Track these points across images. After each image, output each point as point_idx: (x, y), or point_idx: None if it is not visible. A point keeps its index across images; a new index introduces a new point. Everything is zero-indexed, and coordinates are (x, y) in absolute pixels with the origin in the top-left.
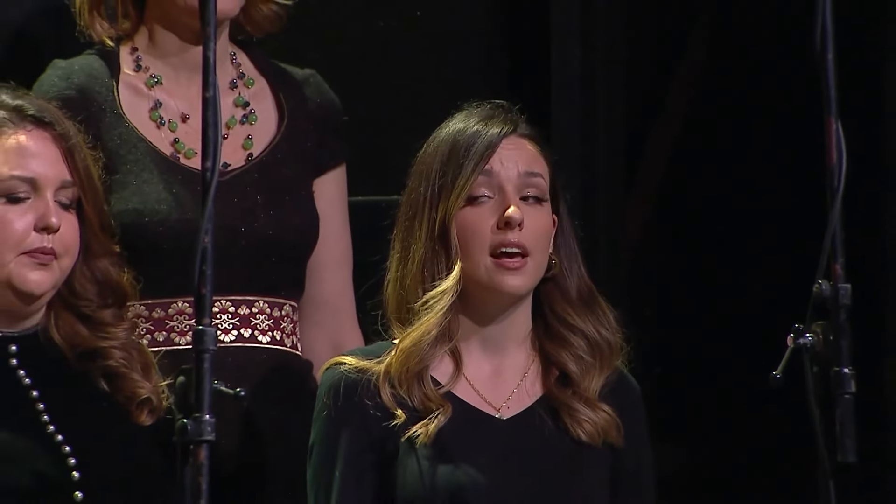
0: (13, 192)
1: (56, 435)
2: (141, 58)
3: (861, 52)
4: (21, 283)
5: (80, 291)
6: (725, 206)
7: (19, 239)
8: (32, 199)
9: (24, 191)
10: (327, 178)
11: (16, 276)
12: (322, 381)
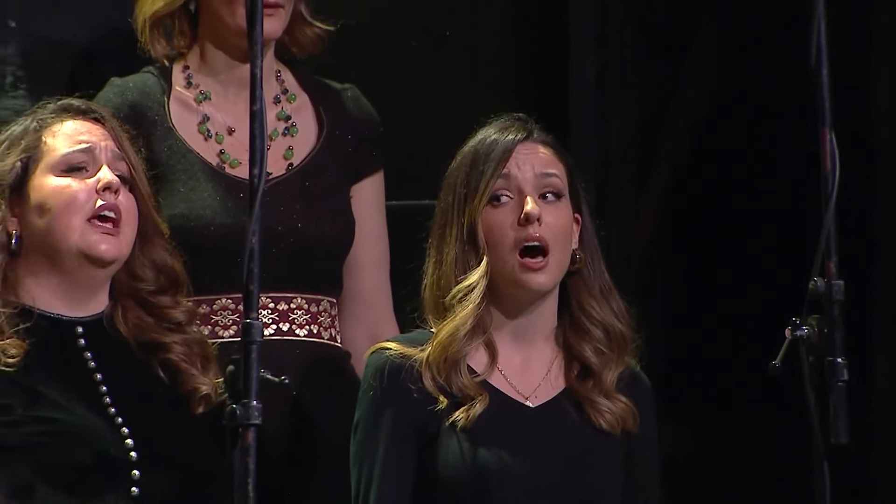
0: (73, 164)
1: (116, 417)
2: (192, 75)
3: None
4: (90, 250)
5: (139, 274)
6: (728, 208)
7: (83, 202)
8: (90, 170)
9: (82, 161)
10: (365, 184)
11: (85, 243)
12: (368, 364)
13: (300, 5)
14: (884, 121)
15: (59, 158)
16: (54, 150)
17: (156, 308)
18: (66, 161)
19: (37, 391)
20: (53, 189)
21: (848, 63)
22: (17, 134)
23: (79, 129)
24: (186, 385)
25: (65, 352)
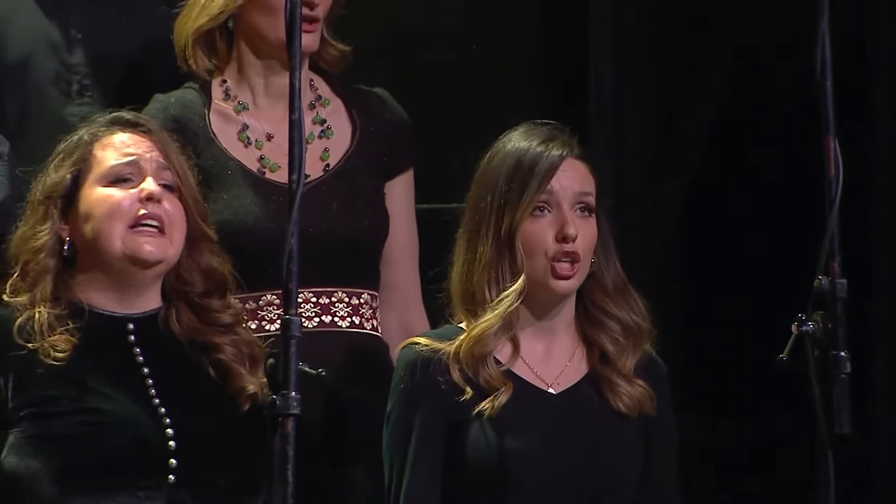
0: (119, 176)
1: (160, 408)
2: (230, 88)
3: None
4: (133, 252)
5: (187, 278)
6: (737, 212)
7: (125, 210)
8: (136, 180)
9: (128, 173)
10: (396, 182)
11: (128, 247)
12: (399, 358)
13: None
14: (883, 129)
15: (106, 170)
16: (103, 163)
17: (205, 311)
18: (112, 173)
19: (84, 384)
20: (98, 198)
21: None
22: (70, 146)
23: (126, 141)
24: (235, 384)
25: (115, 347)
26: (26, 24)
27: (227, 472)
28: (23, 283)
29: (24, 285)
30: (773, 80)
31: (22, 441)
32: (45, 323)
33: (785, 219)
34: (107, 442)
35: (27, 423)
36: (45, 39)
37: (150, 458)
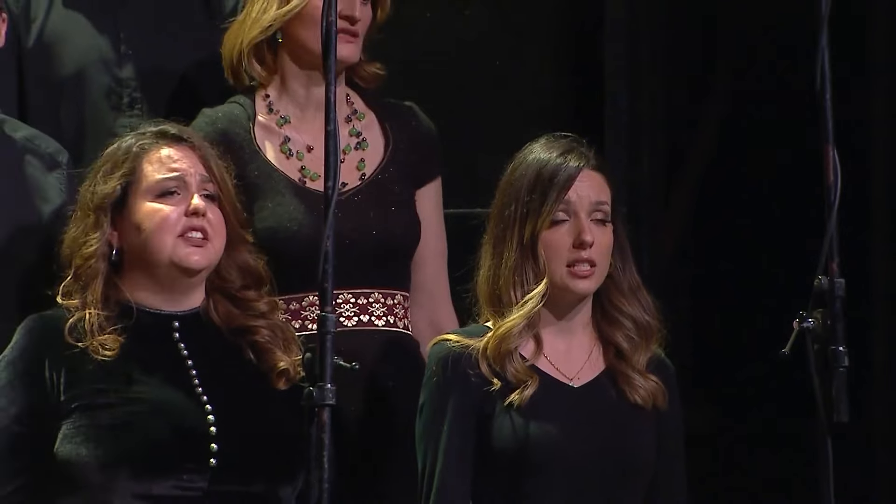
0: (165, 190)
1: (202, 396)
2: (272, 102)
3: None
4: (181, 261)
5: (226, 276)
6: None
7: (174, 223)
8: (181, 194)
9: (173, 187)
10: (426, 190)
11: (176, 256)
12: (431, 354)
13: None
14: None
15: (153, 184)
16: (150, 176)
17: (242, 301)
18: (160, 187)
19: (130, 377)
20: (148, 212)
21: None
22: (119, 156)
23: (172, 156)
24: (269, 362)
25: (161, 342)
26: (80, 41)
27: (266, 457)
28: (75, 286)
29: (76, 288)
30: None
31: (73, 431)
32: (94, 324)
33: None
34: (152, 430)
35: (77, 415)
36: (97, 56)
37: (192, 444)
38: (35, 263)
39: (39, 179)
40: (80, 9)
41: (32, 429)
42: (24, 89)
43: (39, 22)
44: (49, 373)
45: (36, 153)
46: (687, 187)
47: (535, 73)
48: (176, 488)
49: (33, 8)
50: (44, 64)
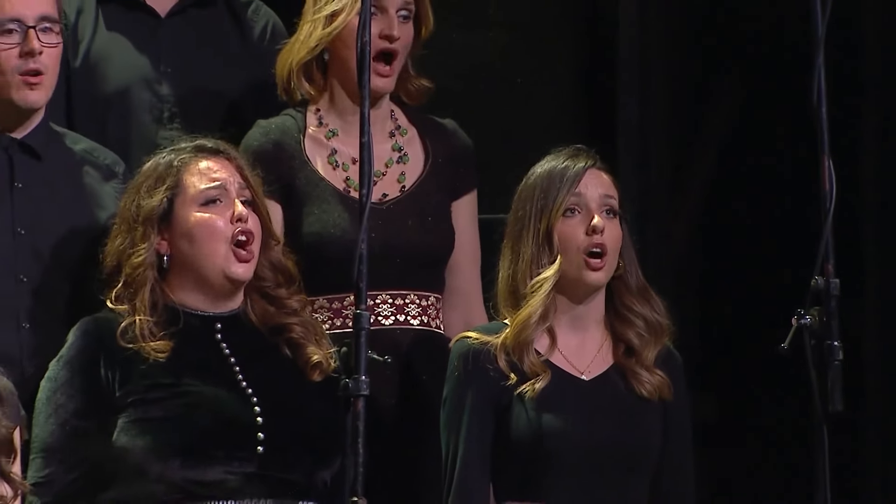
0: (209, 199)
1: (246, 389)
2: (322, 116)
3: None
4: (231, 274)
5: (261, 275)
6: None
7: (223, 230)
8: (223, 201)
9: (216, 195)
10: (462, 201)
11: (227, 268)
12: (453, 350)
13: (409, 64)
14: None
15: (197, 194)
16: (193, 187)
17: (276, 299)
18: (203, 196)
19: (181, 374)
20: (197, 221)
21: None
22: (160, 171)
23: (211, 167)
24: (304, 356)
25: (205, 341)
26: (123, 61)
27: (306, 444)
28: (125, 292)
29: (126, 294)
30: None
31: (129, 424)
32: (144, 330)
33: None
34: (203, 422)
35: (132, 409)
36: (139, 74)
37: (240, 433)
38: (90, 267)
39: (97, 188)
40: (123, 31)
41: (90, 422)
42: (71, 105)
43: (86, 43)
44: (104, 370)
45: (94, 164)
46: (692, 193)
47: (553, 90)
48: (226, 474)
49: (80, 30)
50: (90, 82)
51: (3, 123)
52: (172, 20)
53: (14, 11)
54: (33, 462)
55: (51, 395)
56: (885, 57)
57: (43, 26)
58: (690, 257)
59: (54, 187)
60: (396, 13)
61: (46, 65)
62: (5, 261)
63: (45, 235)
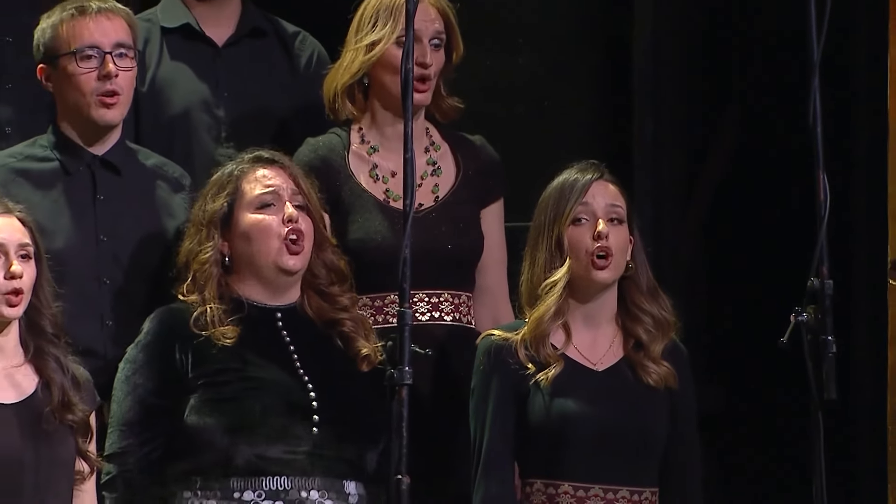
0: (263, 202)
1: (304, 376)
2: (364, 134)
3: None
4: (283, 266)
5: (316, 273)
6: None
7: (276, 230)
8: (276, 205)
9: (270, 200)
10: (490, 209)
11: (279, 261)
12: (479, 346)
13: (441, 86)
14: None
15: (253, 198)
16: (250, 193)
17: (329, 296)
18: (258, 200)
19: (246, 359)
20: (252, 222)
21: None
22: (223, 179)
23: (267, 175)
24: (354, 348)
25: (267, 330)
26: (186, 87)
27: (355, 426)
28: (193, 287)
29: (193, 288)
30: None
31: (199, 404)
32: (214, 316)
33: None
34: (266, 403)
35: (203, 390)
36: (199, 98)
37: (297, 413)
38: (162, 268)
39: (167, 199)
40: (185, 59)
41: (165, 400)
42: (139, 126)
43: (152, 71)
44: (178, 354)
45: (164, 177)
46: (700, 202)
47: (576, 110)
48: (285, 452)
49: (147, 58)
50: (156, 105)
51: (85, 141)
52: (229, 50)
53: (92, 38)
54: (111, 434)
55: (129, 375)
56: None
57: (118, 52)
58: (699, 260)
59: (131, 199)
60: (429, 42)
61: (122, 86)
62: (90, 265)
63: (124, 242)
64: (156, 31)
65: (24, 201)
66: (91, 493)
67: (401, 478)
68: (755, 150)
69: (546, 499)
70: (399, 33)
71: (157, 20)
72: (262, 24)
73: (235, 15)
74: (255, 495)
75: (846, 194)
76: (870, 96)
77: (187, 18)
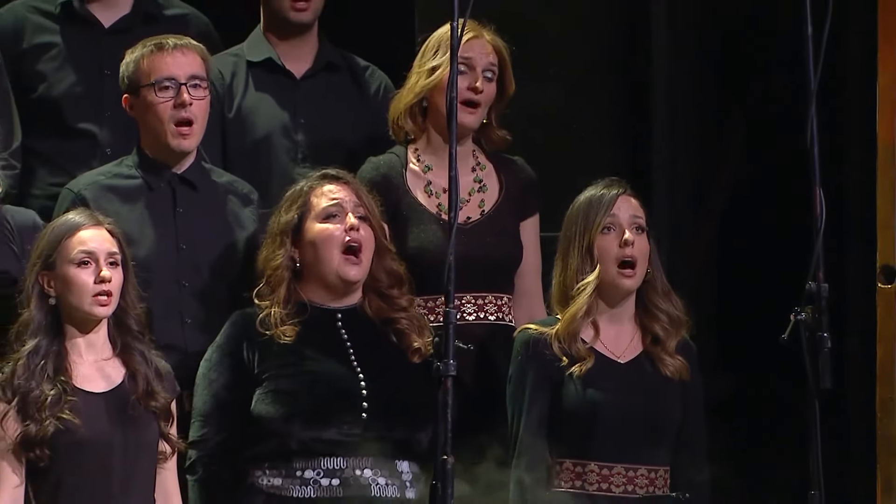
0: (328, 214)
1: (356, 368)
2: (420, 154)
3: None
4: (344, 276)
5: (377, 277)
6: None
7: (338, 238)
8: (340, 216)
9: (334, 211)
10: (528, 222)
11: (341, 271)
12: (517, 339)
13: (493, 118)
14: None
15: (320, 210)
16: (317, 205)
17: (388, 297)
18: (324, 212)
19: (305, 354)
20: (318, 231)
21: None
22: (295, 194)
23: (332, 189)
24: (407, 343)
25: (328, 329)
26: (267, 114)
27: (403, 411)
28: (266, 290)
29: (267, 291)
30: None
31: (264, 395)
32: (277, 318)
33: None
34: (320, 393)
35: (267, 382)
36: (279, 124)
37: (350, 402)
38: (236, 274)
39: (238, 212)
40: (267, 90)
41: (236, 394)
42: (226, 149)
43: (238, 99)
44: (247, 353)
45: (235, 193)
46: (711, 215)
47: (600, 133)
48: (339, 434)
49: (234, 88)
50: (241, 130)
51: (165, 161)
52: (306, 82)
53: (169, 71)
54: (193, 424)
55: (206, 372)
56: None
57: (193, 83)
58: (709, 265)
59: (207, 212)
60: (482, 72)
61: (195, 114)
62: (171, 270)
63: (201, 250)
64: (242, 65)
65: (112, 214)
66: (172, 472)
67: (446, 458)
68: (759, 169)
69: (574, 476)
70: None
71: (243, 55)
72: (335, 59)
73: (313, 51)
74: (315, 473)
75: (840, 208)
76: (860, 122)
77: (270, 54)
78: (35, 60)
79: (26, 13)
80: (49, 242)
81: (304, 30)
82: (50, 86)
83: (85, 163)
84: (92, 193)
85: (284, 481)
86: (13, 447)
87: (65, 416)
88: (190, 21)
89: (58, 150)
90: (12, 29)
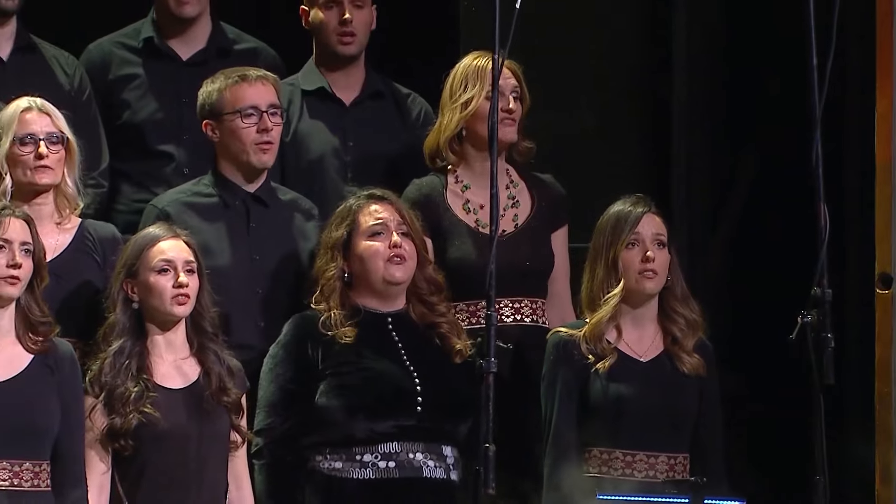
0: (374, 231)
1: (409, 366)
2: (459, 175)
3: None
4: (391, 277)
5: (419, 285)
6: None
7: (383, 253)
8: (384, 233)
9: (379, 229)
10: (558, 233)
11: (387, 273)
12: (549, 340)
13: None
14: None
15: (366, 228)
16: (364, 223)
17: (429, 304)
18: (370, 230)
19: (362, 353)
20: (365, 247)
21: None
22: (344, 212)
23: (378, 209)
24: (450, 344)
25: (380, 331)
26: (320, 137)
27: (450, 405)
28: (321, 297)
29: (321, 298)
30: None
31: (327, 389)
32: (337, 320)
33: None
34: (378, 388)
35: (329, 378)
36: (331, 147)
37: (405, 397)
38: (299, 283)
39: (302, 226)
40: (319, 116)
41: (301, 387)
42: (284, 169)
43: (294, 125)
44: (311, 350)
45: (299, 209)
46: (725, 227)
47: (625, 154)
48: (394, 427)
49: (290, 115)
50: (297, 152)
51: (241, 180)
52: (354, 108)
53: (252, 100)
54: (258, 414)
55: (272, 366)
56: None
57: (272, 111)
58: (724, 272)
59: (276, 226)
60: (510, 94)
61: (275, 137)
62: (246, 279)
63: (272, 260)
64: (297, 93)
65: (192, 229)
66: (243, 460)
67: (488, 446)
68: (768, 186)
69: (601, 463)
70: (486, 90)
71: (298, 84)
72: (381, 87)
73: (360, 80)
74: (373, 457)
75: (842, 222)
76: (860, 145)
77: (322, 83)
78: (120, 90)
79: (112, 48)
80: (132, 253)
81: (350, 61)
82: (134, 112)
83: (165, 181)
84: (174, 209)
85: (345, 465)
86: (100, 438)
87: (147, 410)
88: (259, 54)
89: (140, 169)
90: (100, 62)
